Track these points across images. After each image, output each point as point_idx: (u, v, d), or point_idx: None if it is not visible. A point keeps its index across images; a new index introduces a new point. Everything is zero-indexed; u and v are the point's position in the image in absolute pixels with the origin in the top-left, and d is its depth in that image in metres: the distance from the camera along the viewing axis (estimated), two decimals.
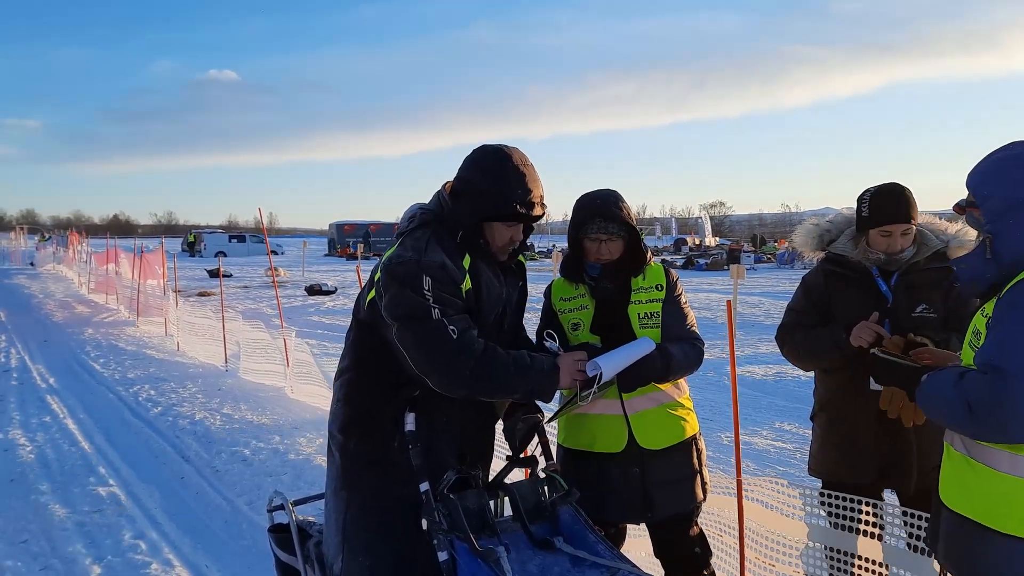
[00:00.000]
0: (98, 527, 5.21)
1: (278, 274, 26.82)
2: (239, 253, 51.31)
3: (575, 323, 3.05)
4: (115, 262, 19.81)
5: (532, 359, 2.56)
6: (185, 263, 37.32)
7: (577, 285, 3.09)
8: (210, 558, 4.74)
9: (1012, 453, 2.01)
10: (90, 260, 23.82)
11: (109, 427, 7.90)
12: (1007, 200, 2.08)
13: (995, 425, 1.97)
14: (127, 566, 4.61)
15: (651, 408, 3.00)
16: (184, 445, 7.21)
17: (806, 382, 9.91)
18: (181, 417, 8.13)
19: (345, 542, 2.64)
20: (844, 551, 3.08)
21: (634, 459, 2.96)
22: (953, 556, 2.18)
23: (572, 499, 2.59)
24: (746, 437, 7.08)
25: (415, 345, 2.48)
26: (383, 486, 2.60)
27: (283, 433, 7.41)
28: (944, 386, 2.10)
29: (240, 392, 9.37)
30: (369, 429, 2.64)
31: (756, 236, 54.46)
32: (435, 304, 2.45)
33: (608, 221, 2.95)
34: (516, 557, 2.32)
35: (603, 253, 2.99)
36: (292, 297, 22.01)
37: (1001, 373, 1.94)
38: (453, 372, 2.46)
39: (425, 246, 2.55)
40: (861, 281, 3.15)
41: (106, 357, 12.00)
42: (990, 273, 2.11)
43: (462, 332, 2.47)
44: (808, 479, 3.55)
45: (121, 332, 14.87)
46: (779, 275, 31.34)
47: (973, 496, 2.10)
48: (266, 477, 6.15)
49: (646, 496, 2.96)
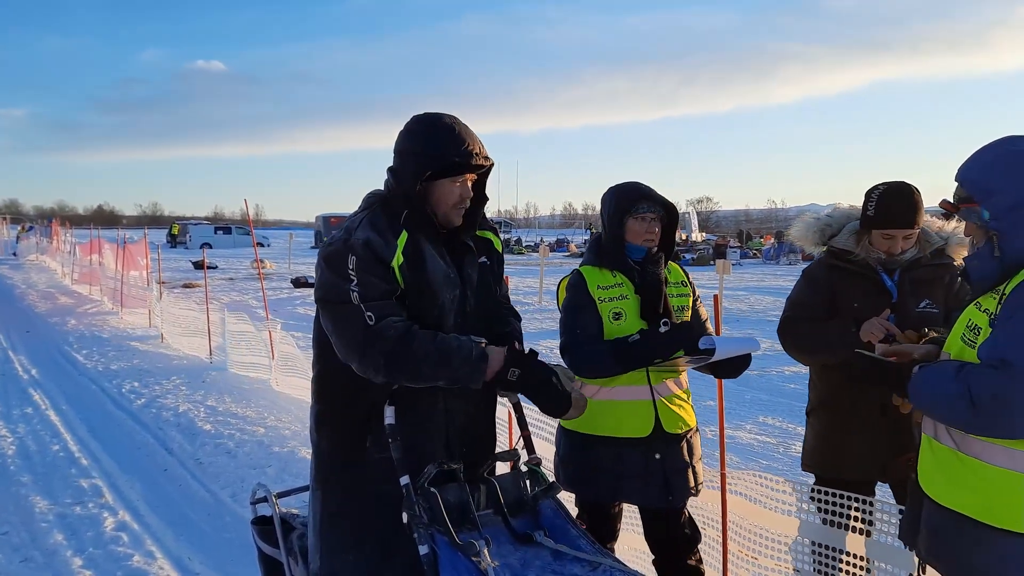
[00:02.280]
0: (79, 519, 5.18)
1: (264, 266, 26.65)
2: (225, 245, 51.01)
3: (617, 312, 3.08)
4: (99, 253, 19.65)
5: (459, 346, 2.44)
6: (170, 255, 37.06)
7: (615, 273, 3.12)
8: (193, 550, 4.72)
9: (1009, 447, 1.99)
10: (74, 251, 23.62)
11: (92, 419, 7.85)
12: (1015, 196, 2.03)
13: (1001, 420, 1.94)
14: (108, 558, 4.58)
15: (675, 393, 3.13)
16: (167, 437, 7.17)
17: (790, 377, 9.97)
18: (165, 409, 8.09)
19: (321, 540, 2.61)
20: (833, 547, 3.09)
21: (657, 444, 3.05)
22: (941, 552, 2.15)
23: (554, 493, 2.59)
24: (730, 431, 7.10)
25: (333, 330, 2.46)
26: (357, 484, 2.56)
27: (267, 425, 7.38)
28: (942, 380, 2.06)
29: (224, 384, 9.33)
30: (339, 426, 2.60)
31: (742, 232, 54.69)
32: (356, 287, 2.40)
33: (654, 202, 3.10)
34: (497, 551, 2.31)
35: (652, 231, 3.10)
36: (278, 289, 21.91)
37: (1009, 367, 1.92)
38: (368, 358, 2.40)
39: (357, 225, 2.52)
40: (866, 276, 3.16)
41: (89, 348, 11.91)
42: (998, 271, 2.08)
43: (379, 318, 2.39)
44: (792, 473, 3.57)
45: (105, 323, 14.77)
46: (764, 270, 31.49)
47: (964, 490, 2.07)
48: (250, 469, 6.12)
49: (666, 481, 3.05)
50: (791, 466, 6.16)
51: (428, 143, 2.53)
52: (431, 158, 2.51)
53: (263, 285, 11.78)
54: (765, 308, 17.91)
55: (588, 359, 3.03)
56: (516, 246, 46.08)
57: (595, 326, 3.07)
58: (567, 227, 73.35)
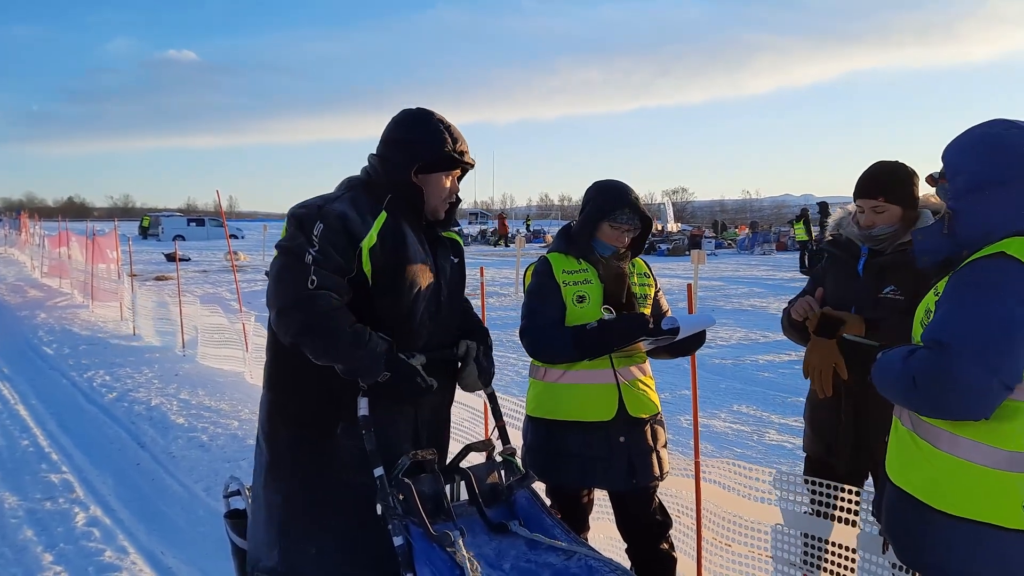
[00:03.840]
0: (50, 514, 5.10)
1: (238, 258, 26.40)
2: (198, 237, 50.36)
3: (581, 296, 3.17)
4: (67, 245, 19.36)
5: (368, 339, 2.45)
6: (142, 247, 36.63)
7: (580, 260, 3.22)
8: (166, 544, 4.67)
9: (952, 433, 2.04)
10: (43, 243, 23.26)
11: (62, 413, 7.73)
12: (974, 179, 2.09)
13: (936, 400, 2.00)
14: (80, 553, 4.52)
15: (639, 378, 3.21)
16: (140, 431, 7.08)
17: (764, 365, 10.06)
18: (137, 403, 7.99)
19: (283, 535, 2.58)
20: (816, 536, 3.10)
21: (621, 427, 3.11)
22: (893, 529, 2.23)
23: (529, 483, 2.59)
24: (705, 420, 7.15)
25: (274, 276, 2.49)
26: (323, 473, 2.55)
27: (241, 419, 7.31)
28: (893, 363, 2.13)
29: (197, 377, 9.24)
30: (300, 414, 2.59)
31: (717, 222, 54.99)
32: (314, 250, 2.43)
33: (635, 214, 3.19)
34: (472, 541, 2.31)
35: (622, 240, 3.21)
36: (252, 282, 21.69)
37: (944, 348, 1.98)
38: (287, 316, 2.43)
39: (335, 199, 2.57)
40: (846, 262, 3.18)
41: (59, 342, 11.74)
42: (944, 248, 2.14)
43: (320, 286, 2.41)
44: (766, 460, 3.59)
45: (75, 316, 14.55)
46: (739, 260, 31.71)
47: (914, 472, 2.14)
48: (224, 463, 6.07)
49: (631, 463, 3.11)
50: (765, 454, 6.23)
51: (425, 135, 2.62)
52: (427, 148, 2.60)
53: (236, 277, 11.67)
54: (740, 297, 18.05)
55: (547, 344, 3.12)
56: (492, 237, 45.95)
57: (557, 311, 3.15)
58: (543, 219, 73.41)
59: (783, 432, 6.87)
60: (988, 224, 2.05)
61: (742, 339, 11.74)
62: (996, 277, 1.97)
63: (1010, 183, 2.05)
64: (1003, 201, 2.04)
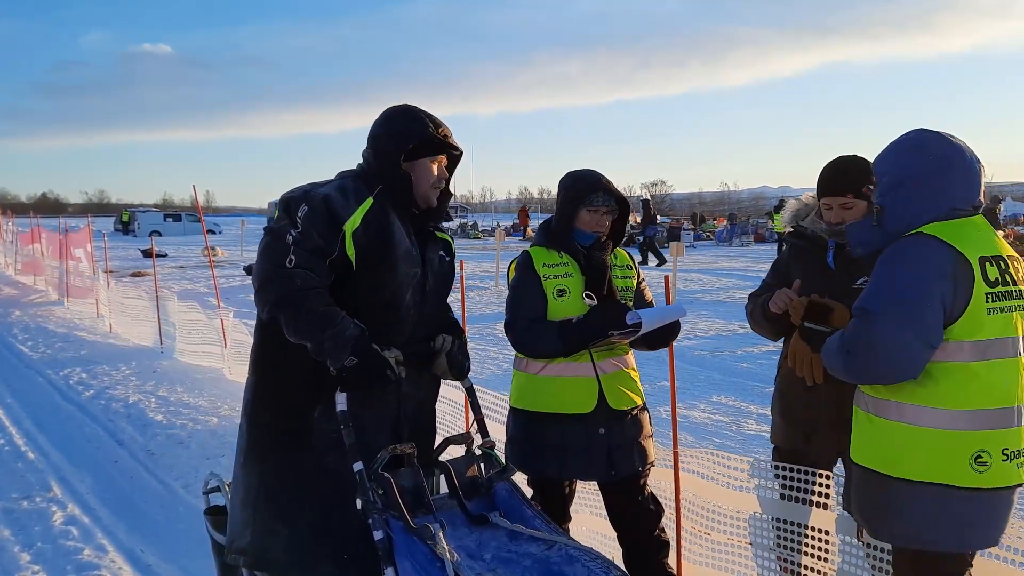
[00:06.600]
0: (27, 513, 5.06)
1: (215, 254, 26.14)
2: (175, 232, 49.84)
3: (561, 289, 3.16)
4: (39, 242, 19.13)
5: (339, 321, 2.49)
6: (118, 242, 36.22)
7: (561, 253, 3.21)
8: (145, 542, 4.65)
9: (898, 401, 2.29)
10: (16, 241, 22.97)
11: (38, 412, 7.65)
12: (896, 177, 2.38)
13: (868, 364, 2.27)
14: (58, 552, 4.49)
15: (620, 370, 3.21)
16: (118, 428, 7.03)
17: (742, 357, 10.14)
18: (114, 400, 7.93)
19: (255, 515, 2.61)
20: (795, 522, 3.14)
21: (600, 420, 3.12)
22: (863, 509, 2.42)
23: (508, 475, 2.60)
24: (683, 411, 7.20)
25: (260, 254, 2.59)
26: (298, 455, 2.58)
27: (221, 415, 7.28)
28: (833, 339, 2.40)
29: (176, 374, 9.17)
30: (282, 395, 2.63)
31: (696, 214, 55.19)
32: (296, 232, 2.52)
33: (609, 195, 3.18)
34: (452, 534, 2.32)
35: (602, 224, 3.20)
36: (230, 277, 21.53)
37: (868, 314, 2.26)
38: (265, 291, 2.53)
39: (324, 184, 2.66)
40: (815, 254, 3.21)
41: (35, 340, 11.61)
42: (876, 239, 2.43)
43: (297, 264, 2.50)
44: (744, 450, 3.62)
45: (50, 314, 14.39)
46: (718, 252, 31.89)
47: (871, 448, 2.36)
48: (203, 459, 6.04)
49: (610, 456, 3.12)
50: (744, 443, 6.28)
51: (408, 122, 2.71)
52: (411, 134, 2.68)
53: (214, 272, 11.59)
54: (718, 289, 18.16)
55: (532, 337, 3.13)
56: (472, 230, 45.88)
57: (540, 305, 3.15)
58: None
59: (761, 422, 6.93)
60: (910, 215, 2.34)
61: (720, 330, 11.81)
62: (912, 249, 2.27)
63: (927, 179, 2.33)
64: (922, 195, 2.34)
